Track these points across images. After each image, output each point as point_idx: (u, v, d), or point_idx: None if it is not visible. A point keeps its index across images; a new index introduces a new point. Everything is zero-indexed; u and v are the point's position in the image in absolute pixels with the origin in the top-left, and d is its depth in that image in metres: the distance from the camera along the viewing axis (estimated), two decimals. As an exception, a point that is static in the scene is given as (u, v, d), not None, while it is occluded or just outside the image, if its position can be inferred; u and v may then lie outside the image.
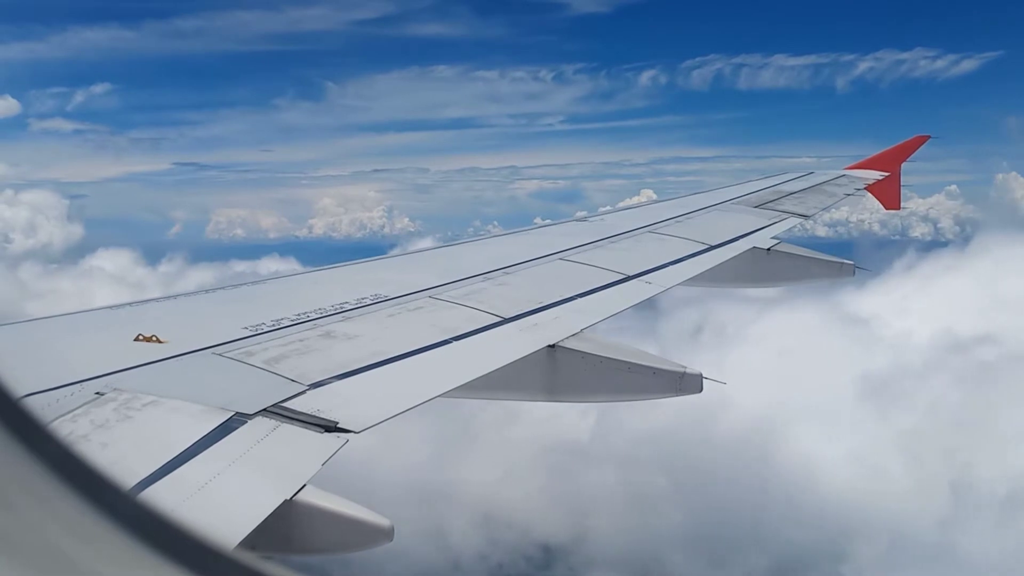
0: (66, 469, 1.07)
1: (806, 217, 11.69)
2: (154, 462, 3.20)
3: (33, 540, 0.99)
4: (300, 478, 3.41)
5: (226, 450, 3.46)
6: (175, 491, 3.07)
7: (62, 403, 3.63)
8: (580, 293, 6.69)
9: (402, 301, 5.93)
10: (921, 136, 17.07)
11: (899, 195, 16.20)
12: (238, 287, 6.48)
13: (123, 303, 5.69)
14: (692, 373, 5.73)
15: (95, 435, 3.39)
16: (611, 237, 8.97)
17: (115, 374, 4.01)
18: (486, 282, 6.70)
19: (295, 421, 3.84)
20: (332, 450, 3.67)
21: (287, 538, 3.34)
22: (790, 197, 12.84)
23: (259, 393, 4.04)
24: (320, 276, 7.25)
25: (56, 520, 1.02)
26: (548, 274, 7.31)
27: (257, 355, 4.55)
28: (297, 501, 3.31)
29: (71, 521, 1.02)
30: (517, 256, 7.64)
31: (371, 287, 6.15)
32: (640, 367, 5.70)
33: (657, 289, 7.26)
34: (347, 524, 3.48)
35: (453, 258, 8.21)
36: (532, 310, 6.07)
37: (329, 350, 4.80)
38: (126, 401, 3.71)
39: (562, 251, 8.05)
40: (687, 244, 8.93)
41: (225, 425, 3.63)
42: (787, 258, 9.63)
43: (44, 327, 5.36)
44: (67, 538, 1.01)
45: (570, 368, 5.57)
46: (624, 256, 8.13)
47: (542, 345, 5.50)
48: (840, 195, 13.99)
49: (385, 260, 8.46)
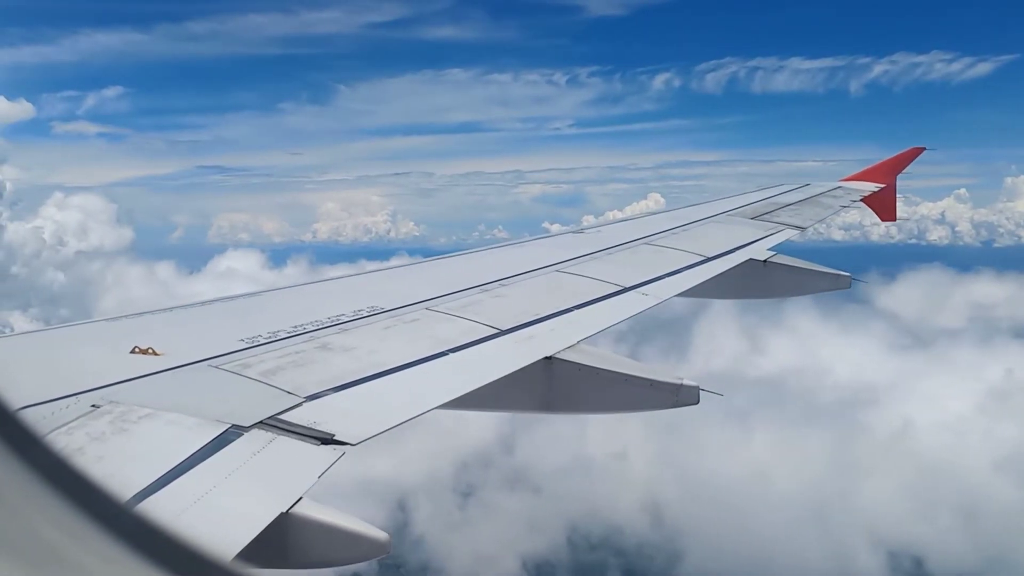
0: (62, 481, 1.07)
1: (802, 229, 11.71)
2: (150, 475, 3.19)
3: (31, 549, 0.99)
4: (296, 490, 3.40)
5: (222, 462, 3.45)
6: (171, 504, 3.06)
7: (57, 416, 3.62)
8: (577, 305, 6.69)
9: (398, 313, 5.92)
10: (917, 148, 17.11)
11: (895, 206, 16.24)
12: (234, 299, 6.47)
13: (119, 315, 5.68)
14: (689, 385, 5.73)
15: (91, 448, 3.38)
16: (607, 249, 8.98)
17: (111, 386, 4.00)
18: (482, 294, 6.70)
19: (291, 433, 3.83)
20: (328, 462, 3.66)
21: (283, 551, 3.33)
22: (786, 209, 12.86)
23: (255, 405, 4.03)
24: (316, 288, 7.25)
25: (53, 531, 1.01)
26: (545, 286, 7.31)
27: (253, 367, 4.54)
28: (293, 514, 3.30)
29: (68, 531, 1.02)
30: (514, 268, 7.64)
31: (367, 299, 6.14)
32: (637, 379, 5.69)
33: (654, 301, 7.26)
34: (343, 537, 3.46)
35: (449, 270, 8.21)
36: (529, 322, 6.06)
37: (325, 362, 4.80)
38: (122, 414, 3.70)
39: (558, 263, 8.05)
40: (683, 256, 8.94)
41: (221, 437, 3.62)
42: (784, 270, 9.64)
43: (39, 340, 5.35)
44: (64, 548, 1.01)
45: (567, 380, 5.56)
46: (620, 268, 8.13)
47: (539, 357, 5.49)
48: (836, 207, 14.01)
49: (381, 272, 8.46)
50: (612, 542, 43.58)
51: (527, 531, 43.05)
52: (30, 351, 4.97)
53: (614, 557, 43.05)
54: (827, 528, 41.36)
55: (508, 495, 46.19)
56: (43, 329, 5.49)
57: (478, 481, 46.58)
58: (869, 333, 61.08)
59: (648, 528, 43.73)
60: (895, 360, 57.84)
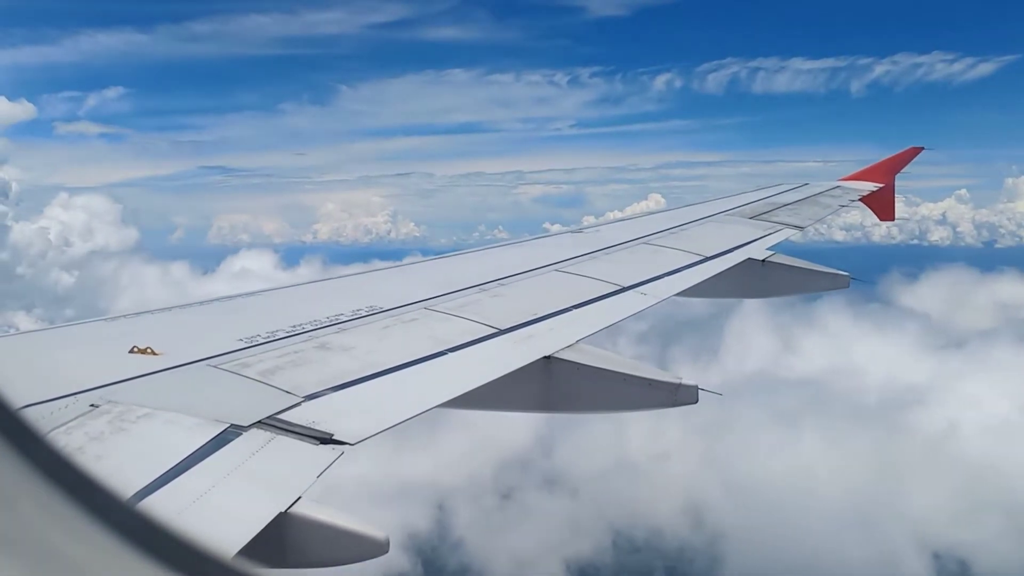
0: (64, 478, 1.06)
1: (800, 228, 11.72)
2: (149, 474, 3.18)
3: (32, 548, 0.99)
4: (295, 490, 3.40)
5: (221, 462, 3.45)
6: (170, 503, 3.06)
7: (56, 415, 3.61)
8: (575, 304, 6.69)
9: (397, 312, 5.92)
10: (915, 148, 17.14)
11: (893, 206, 16.27)
12: (232, 298, 6.47)
13: (117, 315, 5.68)
14: (688, 384, 5.73)
15: (90, 447, 3.38)
16: (606, 248, 8.98)
17: (110, 386, 3.99)
18: (481, 293, 6.70)
19: (290, 433, 3.83)
20: (327, 462, 3.66)
21: (282, 551, 3.33)
22: (784, 208, 12.87)
23: (254, 405, 4.03)
24: (315, 288, 7.24)
25: (55, 529, 1.01)
26: (543, 286, 7.31)
27: (252, 367, 4.54)
28: (292, 513, 3.30)
29: (70, 529, 1.02)
30: (512, 267, 7.64)
31: (366, 298, 6.14)
32: (636, 378, 5.69)
33: (652, 300, 7.27)
34: (342, 536, 3.46)
35: (448, 269, 8.21)
36: (527, 322, 6.07)
37: (324, 362, 4.80)
38: (121, 413, 3.70)
39: (557, 262, 8.05)
40: (682, 255, 8.94)
41: (220, 437, 3.62)
42: (782, 269, 9.65)
43: (37, 339, 5.35)
44: (66, 545, 1.01)
45: (565, 380, 5.57)
46: (619, 268, 8.13)
47: (537, 356, 5.49)
48: (834, 206, 14.02)
49: (380, 271, 8.46)
50: (653, 545, 43.37)
51: (569, 533, 42.87)
52: (29, 351, 4.97)
53: (659, 559, 42.87)
54: (871, 530, 41.06)
55: (548, 497, 45.99)
56: (42, 329, 5.49)
57: (518, 483, 46.38)
58: (901, 333, 60.78)
59: (689, 531, 43.50)
60: (932, 360, 57.45)
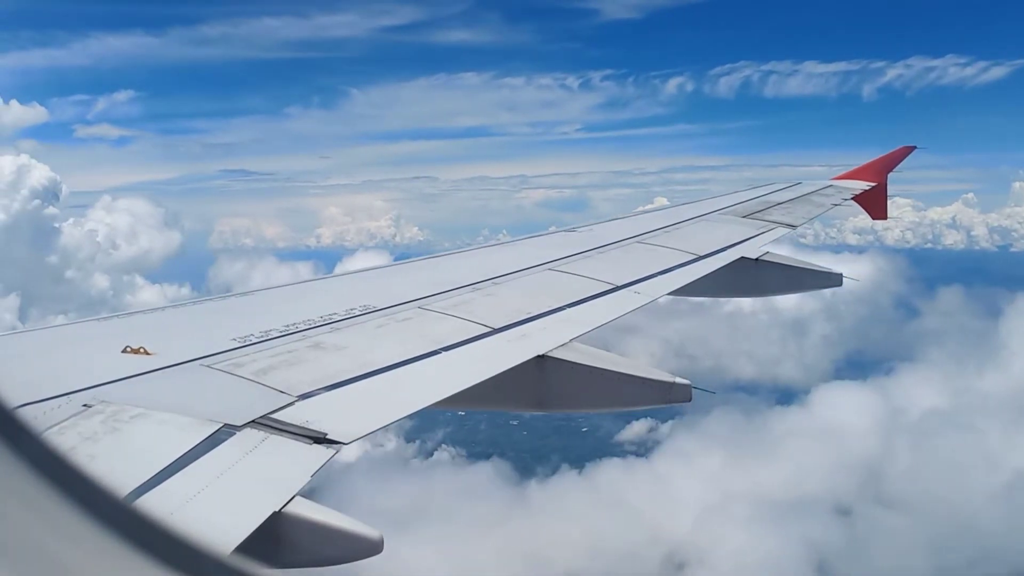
0: (59, 476, 1.07)
1: (794, 227, 11.75)
2: (142, 474, 3.18)
3: (26, 546, 0.99)
4: (289, 490, 3.40)
5: (214, 462, 3.45)
6: (163, 503, 3.05)
7: (49, 415, 3.61)
8: (569, 303, 6.69)
9: (391, 312, 5.92)
10: (907, 147, 17.21)
11: (886, 205, 16.33)
12: (226, 298, 6.46)
13: (110, 315, 5.67)
14: (681, 383, 5.74)
15: (83, 447, 3.37)
16: (600, 247, 8.99)
17: (102, 386, 3.98)
18: (475, 293, 6.70)
19: (284, 432, 3.83)
20: (321, 461, 3.66)
21: (276, 550, 3.33)
22: (778, 207, 12.91)
23: (247, 404, 4.03)
24: (308, 287, 7.24)
25: (49, 526, 1.01)
26: (537, 284, 7.31)
27: (245, 366, 4.54)
28: (286, 513, 3.30)
29: (65, 527, 1.02)
30: (506, 267, 7.64)
31: (359, 298, 6.14)
32: (629, 377, 5.70)
33: (646, 299, 7.28)
34: (336, 536, 3.46)
35: (442, 269, 8.21)
36: (521, 320, 6.07)
37: (318, 361, 4.79)
38: (114, 413, 3.69)
39: (551, 261, 8.06)
40: (676, 254, 8.96)
41: (213, 437, 3.62)
42: (775, 268, 9.68)
43: (30, 339, 5.33)
44: (60, 544, 1.01)
45: (559, 378, 5.57)
46: (613, 266, 8.14)
47: (531, 355, 5.49)
48: (827, 205, 14.07)
49: (374, 271, 8.46)
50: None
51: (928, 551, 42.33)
52: (21, 350, 4.95)
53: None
54: None
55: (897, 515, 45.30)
56: (35, 328, 5.47)
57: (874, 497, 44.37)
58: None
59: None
60: None
